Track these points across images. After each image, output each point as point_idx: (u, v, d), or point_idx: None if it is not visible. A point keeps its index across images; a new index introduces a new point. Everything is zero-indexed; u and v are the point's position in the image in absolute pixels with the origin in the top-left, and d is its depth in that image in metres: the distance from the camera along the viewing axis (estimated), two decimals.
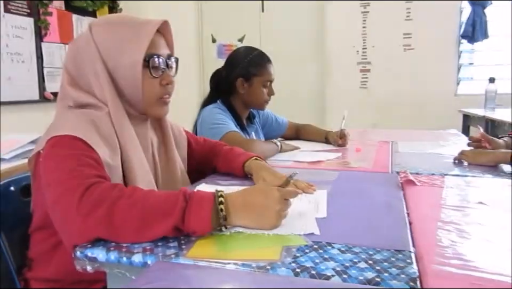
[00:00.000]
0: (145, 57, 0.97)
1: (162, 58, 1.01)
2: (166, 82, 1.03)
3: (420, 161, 1.48)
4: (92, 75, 0.97)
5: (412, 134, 2.36)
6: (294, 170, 0.98)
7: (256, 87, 1.77)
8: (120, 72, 0.97)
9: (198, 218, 0.74)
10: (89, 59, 0.98)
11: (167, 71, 1.03)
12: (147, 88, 1.00)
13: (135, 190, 0.77)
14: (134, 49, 0.96)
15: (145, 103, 1.01)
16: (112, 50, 0.97)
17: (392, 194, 1.05)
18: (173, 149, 1.17)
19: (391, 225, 0.81)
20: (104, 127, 0.95)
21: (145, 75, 0.98)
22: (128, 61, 0.96)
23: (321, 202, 0.98)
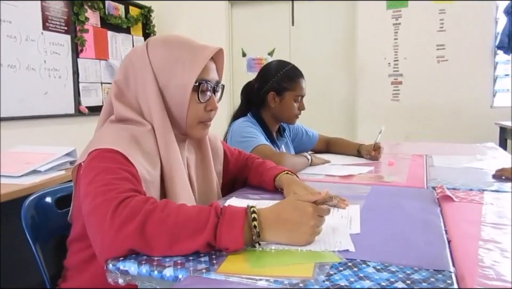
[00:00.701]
0: (196, 81, 0.99)
1: (211, 84, 1.03)
2: (211, 108, 1.05)
3: (457, 176, 1.42)
4: (141, 90, 1.00)
5: (447, 147, 2.29)
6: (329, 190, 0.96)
7: (287, 101, 1.77)
8: (170, 91, 1.00)
9: (230, 235, 0.73)
10: (141, 74, 1.00)
11: (213, 98, 1.06)
12: (192, 111, 1.02)
13: (168, 204, 0.78)
14: (187, 72, 0.99)
15: (188, 124, 1.04)
16: (166, 68, 0.99)
17: (429, 210, 1.01)
18: (210, 168, 1.18)
19: (428, 243, 0.78)
20: (146, 143, 0.96)
21: (192, 98, 1.01)
22: (179, 82, 0.99)
23: (354, 217, 0.95)
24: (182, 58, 0.99)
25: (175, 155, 1.01)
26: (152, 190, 0.95)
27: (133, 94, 1.02)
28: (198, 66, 0.99)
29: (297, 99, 1.77)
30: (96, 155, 0.89)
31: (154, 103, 0.99)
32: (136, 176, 0.88)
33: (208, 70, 1.03)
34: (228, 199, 1.14)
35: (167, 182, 0.99)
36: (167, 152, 0.99)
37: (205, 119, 1.06)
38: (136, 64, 1.01)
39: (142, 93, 1.00)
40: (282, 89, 1.76)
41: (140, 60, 1.01)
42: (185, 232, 0.73)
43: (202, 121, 1.06)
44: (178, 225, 0.74)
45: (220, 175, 1.27)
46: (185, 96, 0.99)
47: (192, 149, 1.15)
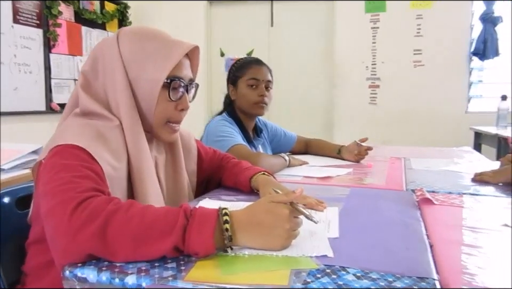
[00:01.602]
0: (168, 77, 0.93)
1: (183, 82, 0.97)
2: (182, 107, 0.99)
3: (435, 179, 1.40)
4: (110, 82, 0.94)
5: (424, 151, 2.29)
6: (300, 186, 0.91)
7: (242, 88, 1.74)
8: (139, 85, 0.94)
9: (200, 238, 0.68)
10: (110, 65, 0.94)
11: (185, 96, 0.99)
12: (161, 108, 0.96)
13: (132, 205, 0.71)
14: (159, 67, 0.93)
15: (155, 123, 0.98)
16: (137, 61, 0.93)
17: (409, 213, 0.98)
18: (181, 169, 1.12)
19: (410, 248, 0.74)
20: (112, 139, 0.90)
21: (162, 95, 0.95)
22: (150, 76, 0.93)
23: (332, 220, 0.91)
24: (155, 52, 0.93)
25: (144, 152, 0.95)
26: (118, 189, 0.88)
27: (101, 85, 0.95)
28: (171, 62, 0.93)
29: (251, 84, 1.72)
30: (56, 152, 0.82)
31: (123, 96, 0.93)
32: (100, 174, 0.81)
33: (182, 67, 0.97)
34: (200, 200, 1.08)
35: (135, 180, 0.93)
36: (136, 148, 0.93)
37: (174, 118, 0.99)
38: (106, 54, 0.95)
39: (111, 85, 0.94)
40: (235, 78, 1.76)
41: (110, 50, 0.95)
42: (151, 235, 0.67)
43: (171, 121, 0.99)
44: (143, 227, 0.68)
45: (193, 174, 1.21)
46: (155, 92, 0.93)
47: (161, 148, 1.08)
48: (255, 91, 1.72)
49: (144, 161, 0.94)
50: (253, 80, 1.72)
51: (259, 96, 1.72)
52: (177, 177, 1.10)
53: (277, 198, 0.77)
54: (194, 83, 1.04)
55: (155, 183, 0.97)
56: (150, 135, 1.01)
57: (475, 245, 0.77)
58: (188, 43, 0.98)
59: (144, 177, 0.93)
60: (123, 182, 0.90)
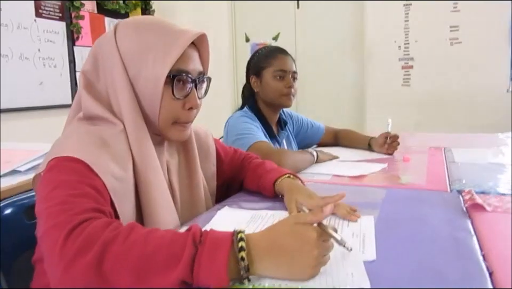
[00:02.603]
0: (170, 73, 0.82)
1: (190, 76, 0.86)
2: (190, 106, 0.87)
3: (484, 176, 1.25)
4: (110, 82, 0.84)
5: (466, 138, 2.11)
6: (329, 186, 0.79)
7: (267, 79, 1.63)
8: (140, 83, 0.83)
9: (212, 270, 0.57)
10: (109, 64, 0.84)
11: (193, 93, 0.87)
12: (166, 108, 0.85)
13: (133, 230, 0.62)
14: (159, 61, 0.81)
15: (161, 124, 0.87)
16: (136, 57, 0.83)
17: (458, 223, 0.84)
18: (197, 173, 1.01)
19: (465, 276, 0.61)
20: (117, 146, 0.81)
21: (166, 93, 0.84)
22: (151, 73, 0.82)
23: (368, 235, 0.79)
24: (154, 45, 0.82)
25: (150, 158, 0.85)
26: (126, 202, 0.79)
27: (103, 86, 0.86)
28: (173, 55, 0.81)
29: (277, 75, 1.62)
30: (53, 166, 0.73)
31: (124, 97, 0.83)
32: (101, 190, 0.72)
33: (187, 59, 0.85)
34: (219, 209, 0.98)
35: (141, 190, 0.83)
36: (140, 155, 0.83)
37: (182, 119, 0.88)
38: (105, 52, 0.85)
39: (111, 85, 0.84)
40: (260, 68, 1.65)
41: (108, 47, 0.84)
42: (154, 267, 0.57)
43: (179, 122, 0.88)
44: (145, 258, 0.58)
45: (213, 178, 1.11)
46: (157, 91, 0.82)
47: (174, 151, 0.98)
48: (281, 82, 1.62)
49: (150, 168, 0.84)
50: (280, 72, 1.62)
51: (287, 88, 1.62)
52: (192, 181, 1.00)
53: (303, 218, 0.65)
54: (206, 77, 0.92)
55: (164, 192, 0.87)
56: (160, 138, 0.91)
57: None
58: (192, 32, 0.85)
59: (150, 187, 0.83)
60: (130, 193, 0.81)
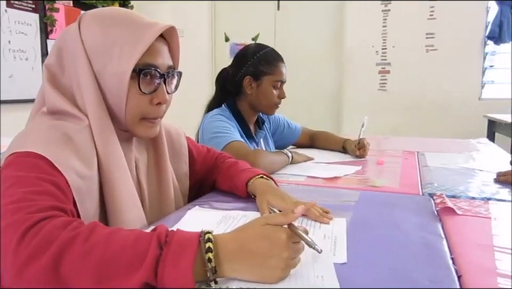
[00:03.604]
0: (136, 67, 0.78)
1: (159, 71, 0.82)
2: (157, 101, 0.84)
3: (455, 180, 1.26)
4: (74, 76, 0.81)
5: (439, 143, 2.14)
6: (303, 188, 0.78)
7: (266, 87, 1.57)
8: (105, 78, 0.80)
9: (177, 272, 0.55)
10: (73, 57, 0.80)
11: (162, 88, 0.84)
12: (132, 104, 0.81)
13: (95, 230, 0.58)
14: (125, 55, 0.78)
15: (128, 120, 0.83)
16: (101, 50, 0.79)
17: (429, 227, 0.84)
18: (166, 171, 0.98)
19: (434, 280, 0.61)
20: (81, 143, 0.77)
21: (133, 88, 0.80)
22: (116, 67, 0.78)
23: (339, 238, 0.78)
24: (120, 38, 0.78)
25: (116, 154, 0.81)
26: (90, 201, 0.76)
27: (68, 80, 0.82)
28: (140, 48, 0.78)
29: (276, 85, 1.58)
30: (11, 162, 0.69)
31: (88, 92, 0.79)
32: (63, 188, 0.68)
33: (156, 53, 0.81)
34: (189, 209, 0.95)
35: (106, 188, 0.80)
36: (106, 151, 0.80)
37: (150, 115, 0.84)
38: (69, 45, 0.81)
39: (75, 78, 0.80)
40: (260, 73, 1.56)
41: (72, 40, 0.81)
42: (116, 269, 0.55)
43: (146, 118, 0.85)
44: (106, 260, 0.55)
45: (185, 177, 1.08)
46: (123, 86, 0.79)
47: (143, 148, 0.95)
48: (276, 92, 1.59)
49: (115, 166, 0.81)
50: (279, 82, 1.59)
51: (280, 98, 1.61)
52: (162, 180, 0.97)
53: (273, 219, 0.64)
54: (176, 72, 0.88)
55: (130, 190, 0.84)
56: (128, 134, 0.88)
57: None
58: (160, 24, 0.82)
59: (115, 185, 0.80)
60: (95, 191, 0.78)
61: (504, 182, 1.23)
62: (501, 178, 1.25)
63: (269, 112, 1.65)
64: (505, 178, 1.23)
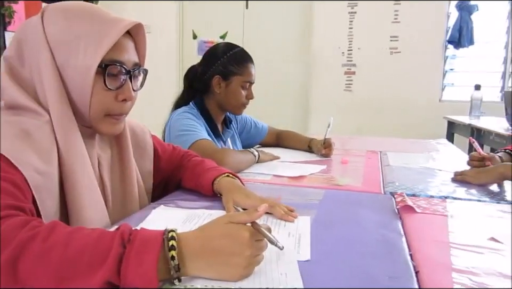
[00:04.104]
0: (102, 62, 0.77)
1: (124, 67, 0.81)
2: (123, 98, 0.83)
3: (415, 179, 1.31)
4: (36, 70, 0.78)
5: (401, 143, 2.21)
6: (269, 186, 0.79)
7: (234, 87, 1.57)
8: (69, 72, 0.78)
9: (139, 271, 0.54)
10: (35, 50, 0.78)
11: (127, 84, 0.83)
12: (97, 100, 0.80)
13: (55, 229, 0.57)
14: (91, 50, 0.77)
15: (92, 116, 0.82)
16: (65, 44, 0.77)
17: (389, 224, 0.87)
18: (130, 169, 0.96)
19: (393, 277, 0.63)
20: (40, 139, 0.75)
21: (98, 84, 0.79)
22: (81, 62, 0.77)
23: (303, 235, 0.80)
24: (85, 33, 0.77)
25: (78, 151, 0.80)
26: (49, 198, 0.74)
27: (28, 73, 0.79)
28: (106, 44, 0.77)
29: (245, 86, 1.58)
30: None
31: (50, 87, 0.77)
32: (21, 186, 0.66)
33: (122, 49, 0.81)
34: (154, 208, 0.94)
35: (67, 185, 0.78)
36: (68, 147, 0.78)
37: (114, 111, 0.83)
38: (30, 37, 0.79)
39: (37, 72, 0.78)
40: (229, 73, 1.56)
41: (34, 32, 0.78)
42: (77, 269, 0.54)
43: (111, 114, 0.84)
44: (67, 260, 0.54)
45: (149, 175, 1.07)
46: (87, 81, 0.77)
47: (107, 145, 0.93)
48: (245, 92, 1.59)
49: (77, 162, 0.79)
50: (248, 83, 1.59)
51: (248, 99, 1.61)
52: (126, 178, 0.95)
53: (237, 218, 0.64)
54: (142, 69, 0.88)
55: (92, 188, 0.82)
56: (91, 131, 0.86)
57: (466, 270, 0.66)
58: (127, 20, 0.81)
59: (77, 183, 0.78)
60: (55, 189, 0.76)
61: (461, 181, 1.28)
62: (458, 177, 1.30)
63: (237, 112, 1.65)
64: (461, 178, 1.29)
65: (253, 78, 1.61)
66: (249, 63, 1.60)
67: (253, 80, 1.61)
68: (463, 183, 1.27)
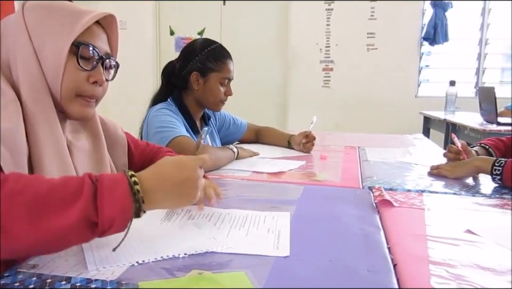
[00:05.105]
0: (75, 42, 0.79)
1: (97, 51, 0.83)
2: (94, 79, 0.84)
3: (392, 173, 1.33)
4: (12, 55, 0.79)
5: (378, 138, 2.24)
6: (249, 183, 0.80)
7: (212, 83, 1.56)
8: (43, 54, 0.79)
9: (115, 200, 0.59)
10: (13, 37, 0.80)
11: (99, 68, 0.85)
12: (68, 78, 0.81)
13: (22, 174, 0.59)
14: (66, 30, 0.79)
15: (63, 95, 0.81)
16: (43, 27, 0.79)
17: (368, 218, 0.88)
18: (104, 157, 0.95)
19: (372, 269, 0.64)
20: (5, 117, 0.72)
21: (70, 63, 0.80)
22: (56, 41, 0.79)
23: (283, 231, 0.79)
24: (61, 17, 0.80)
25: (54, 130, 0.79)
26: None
27: (5, 54, 0.80)
28: (80, 26, 0.80)
29: (223, 82, 1.57)
30: None
31: (25, 66, 0.78)
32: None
33: (94, 36, 0.84)
34: None
35: (35, 165, 0.76)
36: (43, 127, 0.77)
37: (85, 92, 0.84)
38: (9, 27, 0.81)
39: (13, 56, 0.79)
40: (207, 69, 1.55)
41: (14, 22, 0.80)
42: (53, 204, 0.56)
43: (82, 95, 0.84)
44: (40, 197, 0.56)
45: (124, 168, 1.05)
46: (61, 60, 0.79)
47: (78, 132, 0.92)
48: (223, 89, 1.58)
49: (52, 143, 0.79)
50: (227, 79, 1.58)
51: (226, 95, 1.60)
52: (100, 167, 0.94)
53: None
54: (114, 61, 0.90)
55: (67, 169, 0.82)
56: (62, 116, 0.85)
57: (443, 261, 0.67)
58: (101, 11, 0.85)
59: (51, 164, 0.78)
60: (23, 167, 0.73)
61: (437, 175, 1.30)
62: (434, 171, 1.32)
63: (215, 108, 1.64)
64: (438, 172, 1.31)
65: (232, 75, 1.60)
66: (228, 59, 1.58)
67: (231, 76, 1.60)
68: (439, 176, 1.29)
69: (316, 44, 4.45)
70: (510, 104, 3.29)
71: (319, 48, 4.46)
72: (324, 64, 4.49)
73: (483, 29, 4.27)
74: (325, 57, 4.47)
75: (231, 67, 1.59)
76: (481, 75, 4.32)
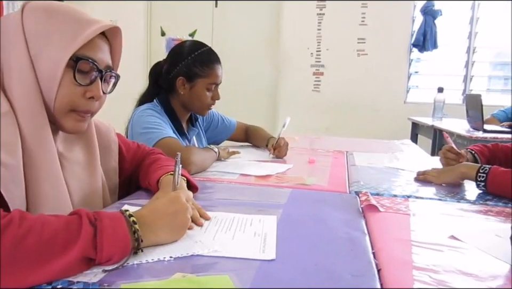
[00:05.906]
0: (73, 56, 0.76)
1: (96, 65, 0.80)
2: (91, 95, 0.81)
3: (379, 179, 1.33)
4: (6, 62, 0.76)
5: (366, 143, 2.26)
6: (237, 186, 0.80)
7: (199, 89, 1.53)
8: (40, 63, 0.77)
9: (115, 240, 0.62)
10: (9, 41, 0.77)
11: (98, 83, 0.82)
12: (63, 92, 0.78)
13: (24, 216, 0.58)
14: (65, 42, 0.76)
15: (56, 108, 0.79)
16: (42, 35, 0.77)
17: (354, 223, 0.88)
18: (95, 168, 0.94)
19: (356, 274, 0.64)
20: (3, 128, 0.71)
21: (67, 76, 0.78)
22: (54, 53, 0.76)
23: (269, 234, 0.79)
24: (61, 27, 0.77)
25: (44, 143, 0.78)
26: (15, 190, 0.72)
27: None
28: (80, 39, 0.77)
29: (210, 88, 1.55)
30: None
31: (21, 76, 0.76)
32: None
33: (96, 48, 0.81)
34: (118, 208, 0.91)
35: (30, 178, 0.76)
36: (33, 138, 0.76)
37: (80, 107, 0.81)
38: (6, 29, 0.78)
39: (7, 63, 0.76)
40: (193, 75, 1.52)
41: (11, 25, 0.78)
42: (53, 250, 0.57)
43: (76, 110, 0.82)
44: (43, 243, 0.57)
45: (114, 173, 1.04)
46: (57, 71, 0.76)
47: (71, 143, 0.90)
48: (210, 94, 1.56)
49: (43, 154, 0.77)
50: (214, 85, 1.56)
51: (214, 100, 1.58)
52: (91, 178, 0.93)
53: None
54: (114, 73, 0.87)
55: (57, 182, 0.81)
56: (54, 127, 0.83)
57: (427, 267, 0.68)
58: (105, 22, 0.82)
59: (41, 176, 0.77)
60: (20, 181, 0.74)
61: (423, 181, 1.31)
62: (421, 177, 1.34)
63: (202, 113, 1.64)
64: (424, 177, 1.32)
65: (219, 79, 1.57)
66: (215, 64, 1.55)
67: (218, 81, 1.57)
68: (426, 182, 1.30)
69: (307, 48, 4.47)
70: (496, 112, 3.34)
71: (310, 53, 4.48)
72: (314, 68, 4.51)
73: (471, 37, 4.32)
74: (315, 62, 4.49)
75: (219, 72, 1.56)
76: (468, 82, 4.37)
